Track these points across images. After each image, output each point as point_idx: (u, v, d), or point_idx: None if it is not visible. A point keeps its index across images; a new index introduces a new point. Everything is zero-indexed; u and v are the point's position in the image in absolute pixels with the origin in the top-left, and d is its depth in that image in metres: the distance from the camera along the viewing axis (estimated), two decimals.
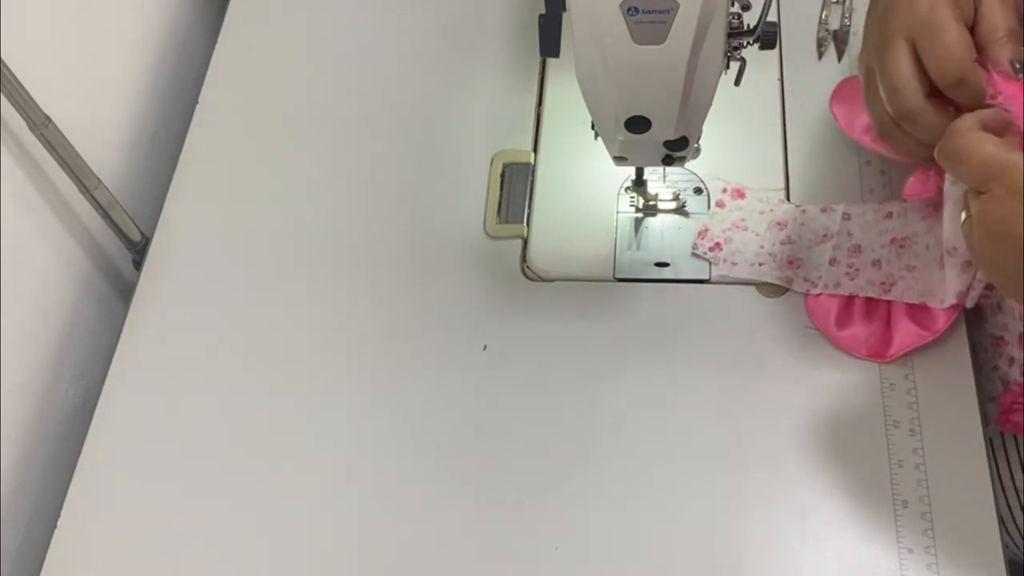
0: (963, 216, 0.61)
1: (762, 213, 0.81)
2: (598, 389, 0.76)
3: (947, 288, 0.72)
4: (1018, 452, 0.81)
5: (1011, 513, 0.81)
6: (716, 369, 0.76)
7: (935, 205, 0.76)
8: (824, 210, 0.80)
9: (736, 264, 0.79)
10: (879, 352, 0.74)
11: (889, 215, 0.79)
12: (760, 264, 0.79)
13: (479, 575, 0.71)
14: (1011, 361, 0.74)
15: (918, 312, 0.75)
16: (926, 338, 0.73)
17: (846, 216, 0.79)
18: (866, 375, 0.74)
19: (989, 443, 0.72)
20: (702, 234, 0.81)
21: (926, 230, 0.76)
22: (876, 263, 0.77)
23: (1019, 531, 0.82)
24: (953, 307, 0.73)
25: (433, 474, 0.74)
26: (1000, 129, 0.60)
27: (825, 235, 0.79)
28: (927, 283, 0.75)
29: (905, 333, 0.74)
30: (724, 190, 0.83)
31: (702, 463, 0.73)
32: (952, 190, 0.70)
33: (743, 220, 0.81)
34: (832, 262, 0.78)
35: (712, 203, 0.82)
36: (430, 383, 0.78)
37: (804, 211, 0.81)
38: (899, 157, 0.72)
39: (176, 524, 0.74)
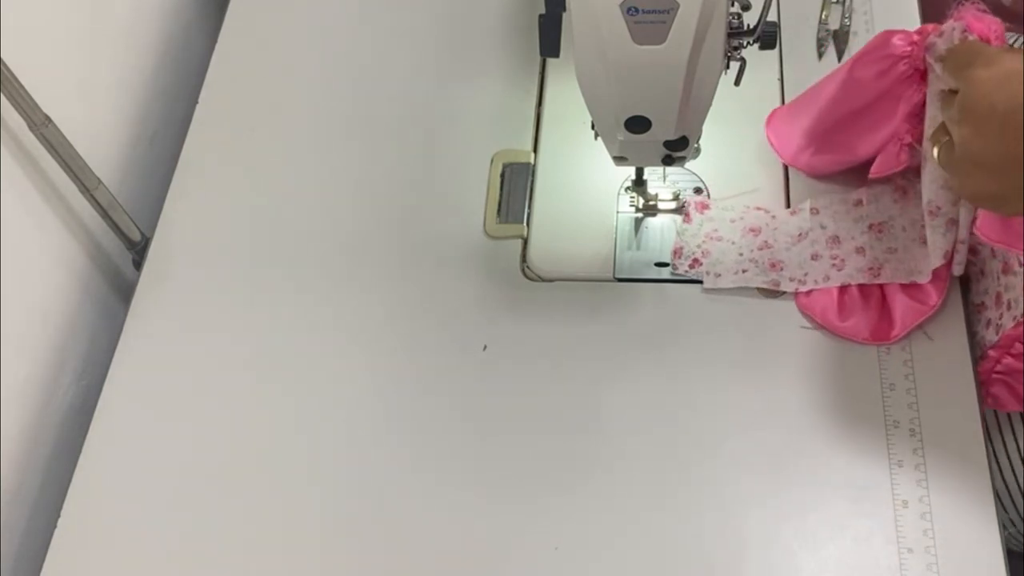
0: (935, 151, 0.63)
1: (733, 222, 0.81)
2: (597, 389, 0.76)
3: (932, 250, 0.73)
4: (1017, 449, 0.81)
5: (1013, 508, 0.81)
6: (716, 369, 0.76)
7: (904, 188, 0.78)
8: (793, 212, 0.81)
9: (720, 275, 0.79)
10: (883, 335, 0.75)
11: (859, 202, 0.79)
12: (744, 271, 0.79)
13: (479, 575, 0.71)
14: (988, 323, 0.75)
15: (912, 290, 0.75)
16: (926, 312, 0.74)
17: (814, 210, 0.80)
18: (866, 375, 0.74)
19: (988, 439, 0.72)
20: (677, 253, 0.81)
21: (900, 212, 0.78)
22: (860, 250, 0.77)
23: (1019, 531, 0.82)
24: (942, 279, 0.74)
25: (433, 474, 0.74)
26: None
27: (800, 235, 0.79)
28: (911, 262, 0.76)
29: (905, 311, 0.75)
30: (688, 204, 0.83)
31: (702, 462, 0.73)
32: (929, 147, 0.70)
33: (716, 231, 0.81)
34: (814, 257, 0.78)
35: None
36: (430, 383, 0.78)
37: (774, 216, 0.81)
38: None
39: (176, 524, 0.74)
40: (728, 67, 0.66)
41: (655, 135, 0.68)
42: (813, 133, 0.79)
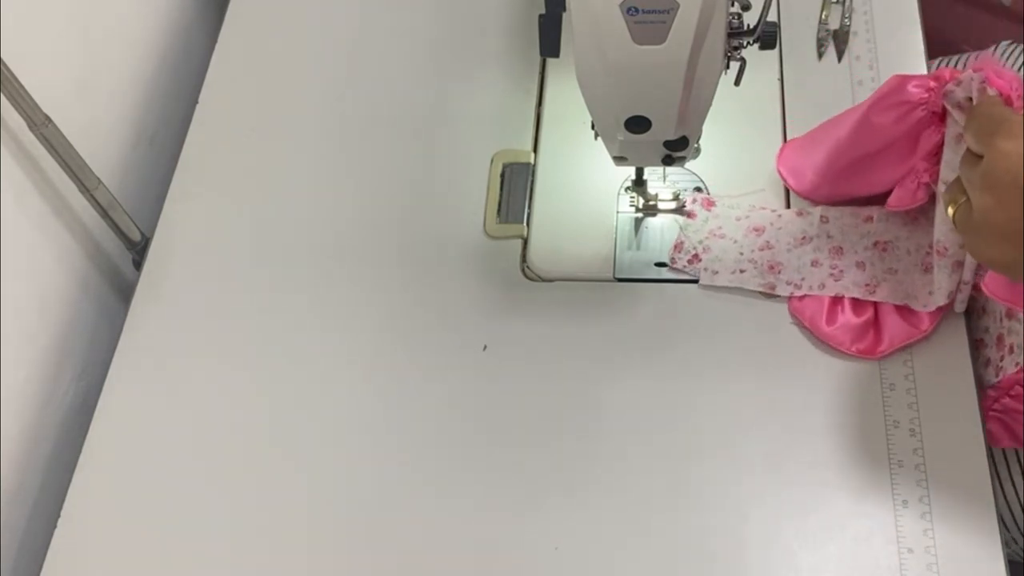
0: (950, 211, 0.62)
1: (738, 220, 0.81)
2: (598, 389, 0.76)
3: (936, 289, 0.73)
4: (1017, 452, 0.81)
5: (1011, 513, 0.81)
6: (716, 369, 0.76)
7: (915, 213, 0.77)
8: (800, 214, 0.81)
9: (717, 272, 0.79)
10: (870, 349, 0.75)
11: (869, 219, 0.79)
12: (741, 271, 0.79)
13: (479, 575, 0.71)
14: (987, 363, 0.75)
15: (905, 311, 0.75)
16: (915, 336, 0.74)
17: (824, 219, 0.80)
18: (866, 376, 0.74)
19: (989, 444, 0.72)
20: (678, 247, 0.81)
21: (907, 235, 0.77)
22: (860, 265, 0.77)
23: (1020, 530, 0.82)
24: (938, 308, 0.74)
25: (433, 474, 0.74)
26: None
27: (803, 238, 0.79)
28: (910, 286, 0.75)
29: (896, 330, 0.75)
30: (694, 200, 0.83)
31: (702, 463, 0.73)
32: (944, 204, 0.70)
33: (719, 228, 0.81)
34: (814, 263, 0.78)
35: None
36: (430, 383, 0.78)
37: (780, 215, 0.81)
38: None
39: (176, 523, 0.74)
40: (728, 67, 0.66)
41: (655, 135, 0.68)
42: (827, 173, 0.78)
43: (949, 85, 0.68)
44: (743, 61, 0.66)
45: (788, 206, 0.82)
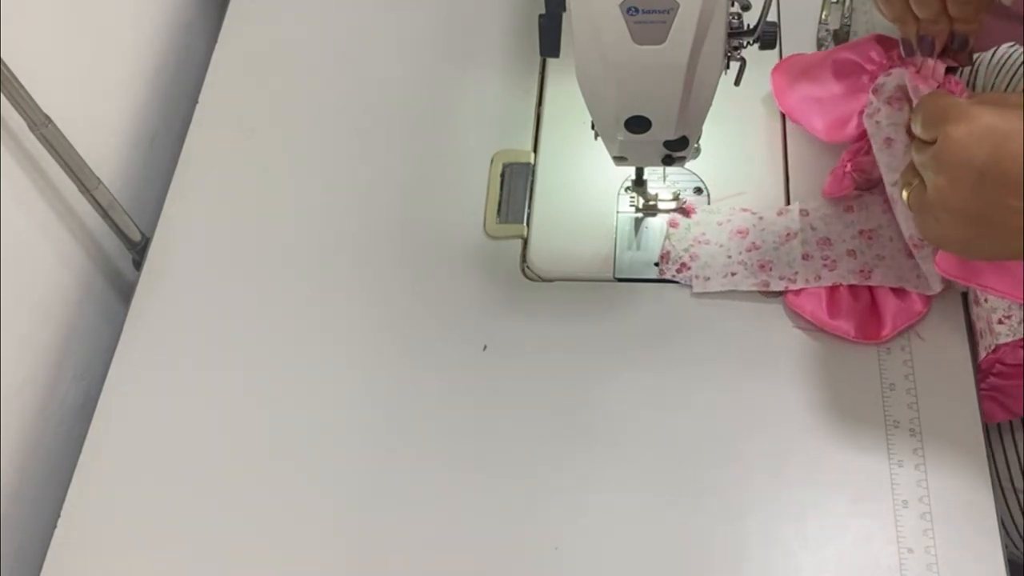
0: (904, 194, 0.65)
1: (720, 224, 0.81)
2: (598, 389, 0.76)
3: (930, 276, 0.74)
4: (1017, 453, 0.81)
5: (1010, 514, 0.81)
6: (715, 369, 0.76)
7: (893, 200, 0.79)
8: (780, 212, 0.81)
9: (709, 279, 0.79)
10: (873, 334, 0.75)
11: (850, 208, 0.80)
12: (732, 274, 0.79)
13: (479, 575, 0.71)
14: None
15: (901, 292, 0.76)
16: (914, 317, 0.75)
17: (804, 212, 0.80)
18: (866, 375, 0.74)
19: (988, 443, 0.72)
20: (664, 258, 0.81)
21: (888, 222, 0.78)
22: (851, 253, 0.78)
23: (1019, 531, 0.82)
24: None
25: (432, 474, 0.74)
26: None
27: (788, 234, 0.79)
28: (899, 270, 0.76)
29: (896, 313, 0.75)
30: (676, 209, 0.83)
31: (702, 463, 0.73)
32: (895, 192, 0.73)
33: (703, 234, 0.81)
34: (805, 257, 0.78)
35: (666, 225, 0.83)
36: (430, 383, 0.78)
37: (761, 217, 0.81)
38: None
39: (176, 524, 0.74)
40: (728, 67, 0.66)
41: (655, 135, 0.68)
42: (798, 100, 0.83)
43: (880, 77, 0.72)
44: (743, 61, 0.66)
45: (788, 203, 0.82)
